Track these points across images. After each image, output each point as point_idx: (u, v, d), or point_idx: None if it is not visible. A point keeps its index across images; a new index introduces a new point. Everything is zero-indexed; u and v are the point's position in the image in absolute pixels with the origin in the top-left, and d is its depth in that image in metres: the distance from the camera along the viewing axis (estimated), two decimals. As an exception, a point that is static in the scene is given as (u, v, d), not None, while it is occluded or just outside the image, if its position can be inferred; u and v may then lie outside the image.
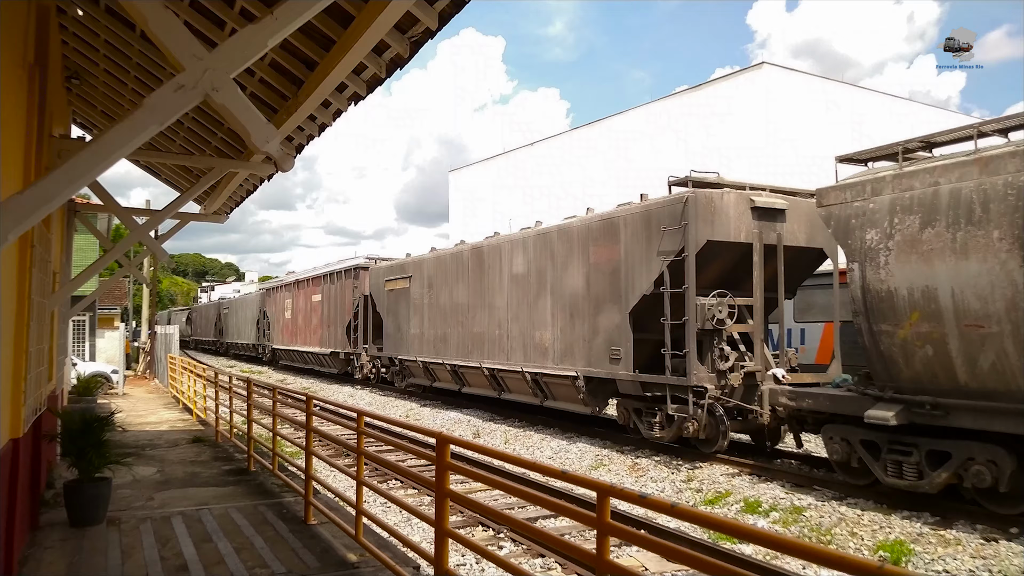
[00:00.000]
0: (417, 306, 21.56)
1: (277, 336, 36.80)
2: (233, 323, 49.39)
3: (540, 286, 15.80)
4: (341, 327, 27.67)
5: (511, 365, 16.73)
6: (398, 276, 23.09)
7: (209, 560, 5.95)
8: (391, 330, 23.47)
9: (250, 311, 44.16)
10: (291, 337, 34.48)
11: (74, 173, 3.07)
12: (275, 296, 38.16)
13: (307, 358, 32.31)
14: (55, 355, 9.92)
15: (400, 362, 22.87)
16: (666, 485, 10.98)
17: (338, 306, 28.24)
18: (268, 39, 3.47)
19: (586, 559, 3.45)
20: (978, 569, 7.16)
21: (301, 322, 32.87)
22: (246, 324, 45.17)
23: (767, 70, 31.99)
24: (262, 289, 44.50)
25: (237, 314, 48.41)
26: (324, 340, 29.51)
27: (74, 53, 8.97)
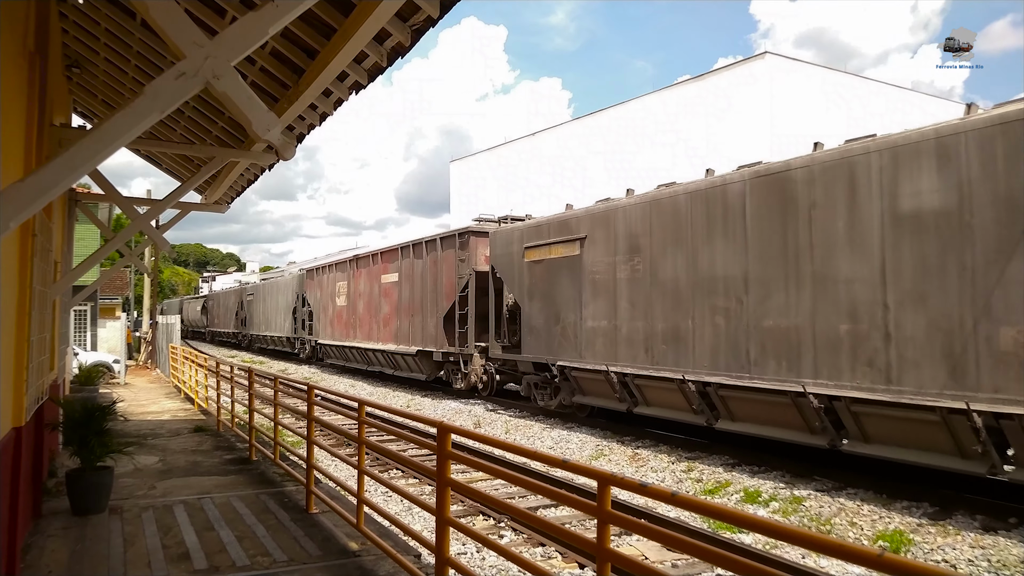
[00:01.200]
0: (601, 284, 13.83)
1: (324, 328, 29.99)
2: (260, 312, 42.56)
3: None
4: (434, 317, 20.51)
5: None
6: (555, 239, 15.26)
7: (211, 548, 5.97)
8: (537, 321, 15.85)
9: (283, 298, 37.49)
10: (346, 330, 27.39)
11: (75, 161, 3.07)
12: (320, 279, 30.91)
13: (374, 358, 24.79)
14: (57, 344, 9.94)
15: (563, 371, 14.93)
16: (666, 475, 11.02)
17: (430, 288, 21.02)
18: (269, 27, 3.45)
19: (587, 547, 3.46)
20: (977, 559, 7.19)
21: (363, 311, 25.64)
22: (277, 313, 38.52)
23: (770, 60, 31.86)
24: (300, 270, 36.47)
25: (265, 301, 41.46)
26: (404, 335, 22.47)
27: (74, 42, 8.94)
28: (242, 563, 5.62)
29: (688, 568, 7.04)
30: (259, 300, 43.03)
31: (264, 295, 42.08)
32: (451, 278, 19.74)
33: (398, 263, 23.18)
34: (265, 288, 42.74)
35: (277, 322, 38.43)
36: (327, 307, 29.75)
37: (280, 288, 38.62)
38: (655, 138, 35.72)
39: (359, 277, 26.31)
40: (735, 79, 32.75)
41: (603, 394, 14.10)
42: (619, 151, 37.87)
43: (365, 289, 25.73)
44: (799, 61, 33.91)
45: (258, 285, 45.66)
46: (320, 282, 31.00)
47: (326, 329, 29.75)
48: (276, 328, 38.65)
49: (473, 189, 50.91)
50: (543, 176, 43.38)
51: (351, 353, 27.04)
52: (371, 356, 25.09)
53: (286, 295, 36.91)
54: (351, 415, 6.42)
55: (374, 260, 25.17)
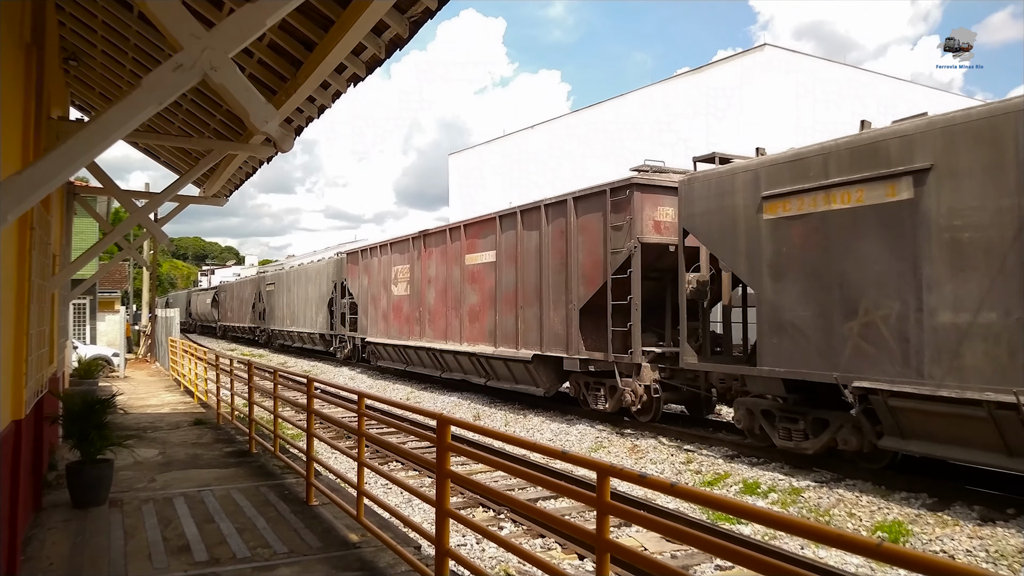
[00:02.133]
0: (976, 248, 8.13)
1: (374, 323, 24.57)
2: (282, 304, 37.30)
3: None
4: (562, 310, 14.73)
5: None
6: (843, 179, 9.38)
7: (211, 540, 5.99)
8: (795, 315, 10.07)
9: (314, 287, 32.26)
10: (407, 326, 22.05)
11: (73, 153, 3.06)
12: (369, 263, 25.26)
13: (453, 362, 19.30)
14: (56, 337, 9.94)
15: (866, 397, 9.12)
16: (666, 467, 11.04)
17: (552, 270, 15.11)
18: (266, 18, 3.44)
19: (586, 538, 3.47)
20: (975, 549, 7.22)
21: (435, 302, 20.22)
22: (306, 306, 33.38)
23: (769, 52, 31.79)
24: (338, 254, 31.19)
25: (290, 291, 35.93)
26: (507, 334, 16.52)
27: (71, 34, 8.90)
28: (243, 555, 5.64)
29: (687, 559, 7.07)
30: (281, 290, 37.62)
31: (288, 284, 36.37)
32: (594, 254, 13.96)
33: (494, 237, 17.21)
34: (290, 277, 36.57)
35: (307, 316, 33.05)
36: (378, 297, 24.30)
37: (309, 276, 32.97)
38: (654, 130, 35.65)
39: (428, 258, 20.79)
40: (734, 71, 32.68)
41: (974, 441, 8.18)
42: (618, 143, 37.80)
43: (439, 273, 20.15)
44: (799, 53, 33.82)
45: (281, 273, 38.98)
46: (368, 267, 25.26)
47: (377, 324, 24.27)
48: (305, 323, 33.21)
49: (472, 182, 50.82)
50: (542, 169, 43.31)
51: (416, 355, 21.45)
52: (448, 360, 19.51)
53: (319, 284, 31.45)
54: (351, 407, 6.43)
55: (454, 236, 19.33)
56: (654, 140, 35.60)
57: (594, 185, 14.33)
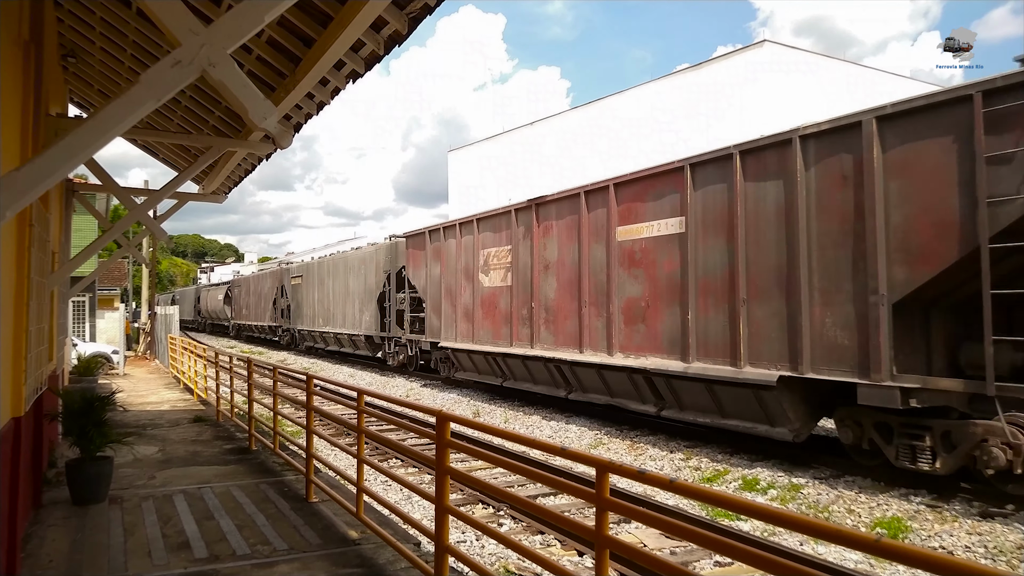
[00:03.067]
0: None
1: (449, 324, 19.35)
2: (312, 300, 32.51)
3: None
4: (846, 307, 9.26)
5: None
6: None
7: (211, 537, 5.99)
8: None
9: (357, 280, 27.10)
10: (504, 327, 16.86)
11: (71, 150, 3.05)
12: (441, 247, 19.80)
13: (591, 379, 14.04)
14: (55, 335, 9.93)
15: None
16: (665, 463, 11.05)
17: (866, 232, 9.01)
18: (265, 14, 3.43)
19: (585, 535, 3.47)
20: (974, 545, 7.23)
21: (557, 296, 14.99)
22: (347, 302, 28.00)
23: (769, 48, 31.76)
24: (391, 237, 25.50)
25: (323, 285, 31.01)
26: (725, 342, 10.95)
27: (70, 31, 8.89)
28: (242, 552, 5.64)
29: (687, 555, 7.08)
30: (311, 284, 32.68)
31: (321, 277, 31.48)
32: (935, 210, 8.41)
33: (678, 197, 11.96)
34: (323, 268, 31.37)
35: (347, 314, 28.00)
36: (456, 291, 19.05)
37: (351, 266, 27.70)
38: (653, 126, 35.62)
39: (543, 236, 15.31)
40: (734, 67, 32.65)
41: None
42: (617, 139, 37.77)
43: (564, 256, 14.75)
44: (798, 49, 33.80)
45: (311, 264, 33.72)
46: (441, 252, 19.90)
47: (455, 325, 19.12)
48: (345, 322, 28.04)
49: (471, 179, 50.79)
50: (541, 165, 43.28)
51: (522, 367, 16.13)
52: (584, 377, 14.17)
53: (364, 275, 26.26)
54: (350, 404, 6.43)
55: (594, 201, 13.92)
56: (654, 136, 35.58)
57: (937, 90, 8.85)
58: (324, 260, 32.21)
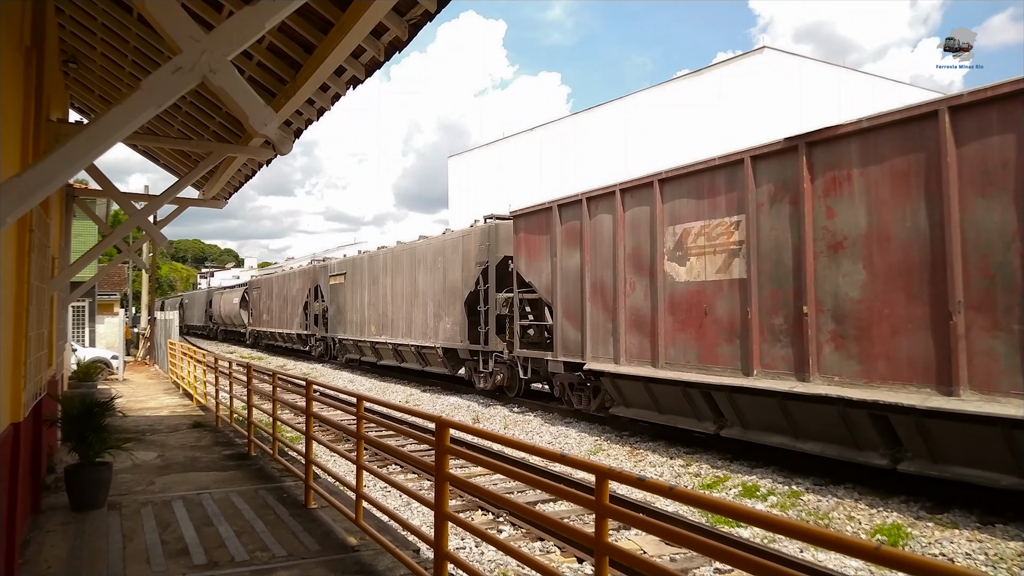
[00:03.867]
0: None
1: (611, 341, 13.34)
2: (361, 304, 26.11)
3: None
4: None
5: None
6: None
7: (210, 544, 5.98)
8: None
9: (430, 278, 21.05)
10: (727, 344, 10.89)
11: (72, 156, 3.06)
12: (594, 223, 13.89)
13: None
14: (55, 340, 9.93)
15: None
16: (664, 470, 11.03)
17: None
18: (266, 21, 3.44)
19: (585, 542, 3.46)
20: (974, 552, 7.21)
21: (864, 293, 8.95)
22: (414, 308, 22.02)
23: (768, 55, 31.85)
24: (493, 218, 19.09)
25: (378, 285, 24.72)
26: None
27: (71, 37, 8.92)
28: (241, 558, 5.63)
29: (686, 562, 7.06)
30: (359, 283, 26.59)
31: (374, 275, 25.18)
32: None
33: None
34: (378, 263, 25.04)
35: (415, 321, 21.83)
36: (615, 290, 13.29)
37: (421, 258, 21.61)
38: (653, 133, 35.68)
39: (833, 193, 9.49)
40: (734, 74, 32.74)
41: None
42: (617, 145, 37.83)
43: (892, 225, 8.78)
44: (797, 56, 33.89)
45: (358, 259, 27.48)
46: (580, 234, 14.21)
47: (616, 340, 13.24)
48: (412, 331, 21.97)
49: (471, 184, 50.85)
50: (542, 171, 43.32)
51: (773, 411, 10.22)
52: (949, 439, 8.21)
53: (444, 270, 20.16)
54: (350, 410, 6.42)
55: (968, 123, 8.00)
56: (653, 142, 35.63)
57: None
58: (380, 253, 25.37)
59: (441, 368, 21.25)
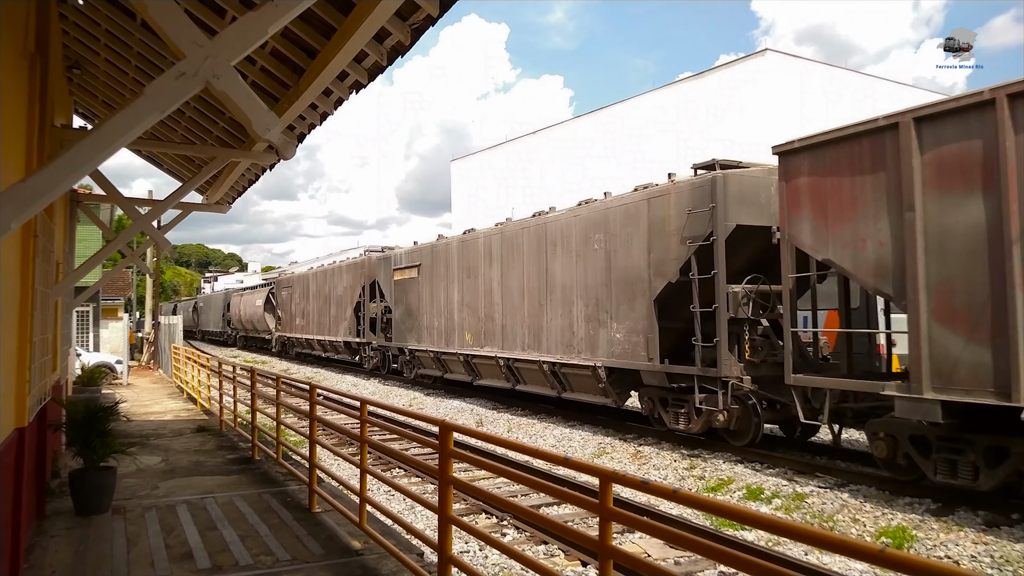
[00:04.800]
0: None
1: None
2: (449, 306, 19.87)
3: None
4: None
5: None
6: None
7: (214, 548, 5.98)
8: None
9: (587, 268, 14.39)
10: None
11: (76, 161, 3.07)
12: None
13: None
14: (59, 345, 9.95)
15: None
16: (669, 472, 11.01)
17: None
18: (269, 26, 3.45)
19: (589, 545, 3.46)
20: (979, 555, 7.19)
21: None
22: (551, 304, 15.48)
23: (770, 57, 31.85)
24: (719, 165, 11.81)
25: (475, 278, 18.64)
26: None
27: (75, 43, 8.95)
28: (245, 562, 5.63)
29: (691, 565, 7.05)
30: (448, 275, 20.03)
31: (469, 265, 18.97)
32: None
33: None
34: (484, 246, 18.32)
35: (560, 329, 15.19)
36: None
37: (595, 226, 14.33)
38: (656, 136, 35.68)
39: None
40: (736, 76, 32.74)
41: None
42: (620, 148, 37.84)
43: None
44: (799, 58, 33.89)
45: (446, 244, 20.51)
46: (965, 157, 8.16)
47: None
48: (552, 342, 15.45)
49: (474, 188, 50.90)
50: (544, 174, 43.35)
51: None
52: None
53: (636, 244, 13.27)
54: (353, 414, 6.42)
55: None
56: (657, 146, 35.63)
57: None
58: (479, 236, 18.48)
59: (598, 397, 14.37)
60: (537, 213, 16.74)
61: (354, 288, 27.58)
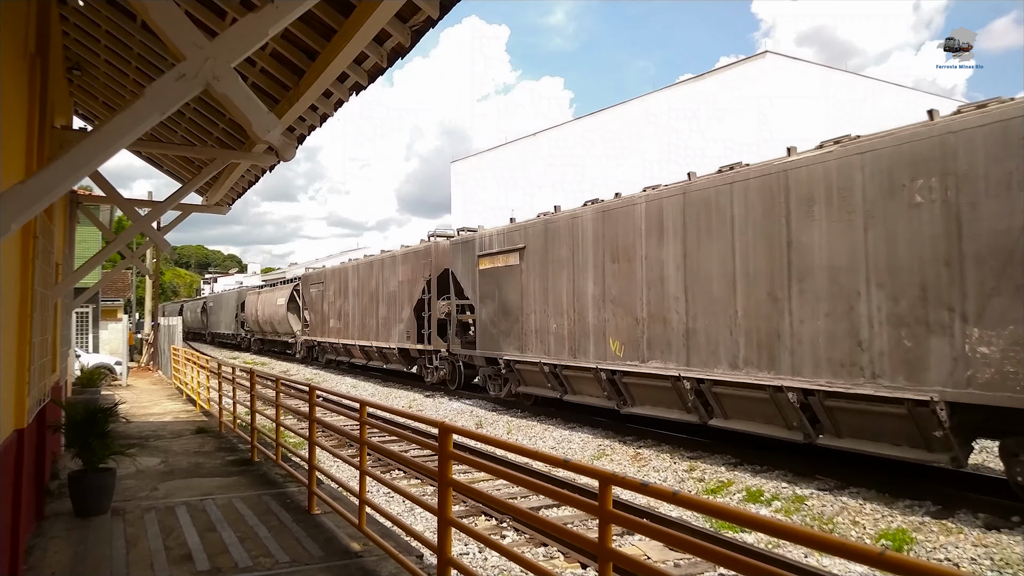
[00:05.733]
0: None
1: None
2: (589, 300, 14.10)
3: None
4: None
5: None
6: None
7: (213, 550, 5.97)
8: None
9: None
10: None
11: (76, 163, 3.07)
12: None
13: None
14: (58, 346, 9.95)
15: None
16: (668, 475, 11.01)
17: None
18: (269, 28, 3.45)
19: (588, 547, 3.46)
20: (979, 557, 7.18)
21: None
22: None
23: (770, 59, 31.87)
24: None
25: (650, 259, 12.55)
26: None
27: (75, 44, 8.95)
28: (244, 564, 5.63)
29: (691, 568, 7.04)
30: (581, 262, 14.54)
31: (627, 241, 13.39)
32: None
33: None
34: (665, 209, 12.50)
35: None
36: None
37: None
38: (655, 137, 35.70)
39: None
40: (736, 78, 32.76)
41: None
42: (619, 150, 37.85)
43: None
44: (800, 60, 33.91)
45: (576, 215, 14.79)
46: None
47: None
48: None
49: (474, 189, 50.91)
50: (544, 176, 43.36)
51: None
52: None
53: None
54: (353, 416, 6.42)
55: None
56: (656, 147, 35.65)
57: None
58: (681, 189, 12.47)
59: (917, 452, 8.95)
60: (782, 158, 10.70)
61: (414, 283, 22.22)
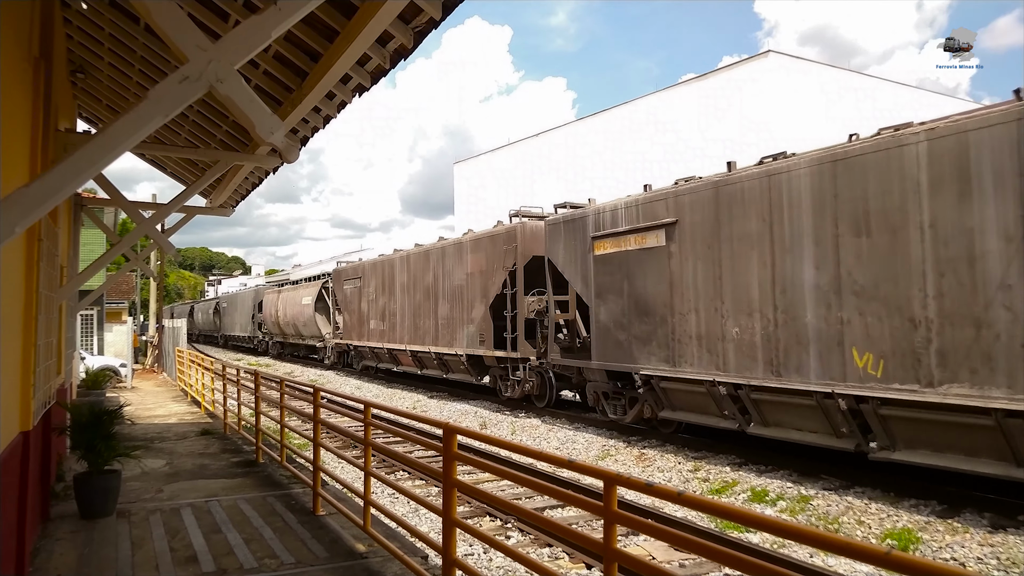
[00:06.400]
0: None
1: None
2: (816, 292, 9.29)
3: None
4: None
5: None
6: None
7: (218, 551, 5.98)
8: None
9: None
10: None
11: (80, 166, 3.07)
12: None
13: None
14: (63, 349, 9.97)
15: None
16: (673, 475, 10.99)
17: None
18: (272, 30, 3.45)
19: (593, 548, 3.45)
20: (986, 557, 7.16)
21: None
22: None
23: (773, 58, 31.82)
24: None
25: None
26: None
27: (79, 47, 8.97)
28: (250, 565, 5.63)
29: (695, 568, 7.03)
30: (796, 238, 9.67)
31: (863, 212, 8.66)
32: None
33: None
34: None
35: None
36: None
37: None
38: (658, 138, 35.66)
39: None
40: (738, 78, 32.70)
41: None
42: (622, 151, 37.82)
43: None
44: (802, 59, 33.84)
45: (760, 173, 10.38)
46: None
47: None
48: None
49: (477, 190, 50.89)
50: (547, 177, 43.34)
51: None
52: None
53: None
54: (357, 417, 6.42)
55: None
56: (659, 148, 35.60)
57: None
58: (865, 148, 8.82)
59: None
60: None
61: (489, 275, 18.18)
